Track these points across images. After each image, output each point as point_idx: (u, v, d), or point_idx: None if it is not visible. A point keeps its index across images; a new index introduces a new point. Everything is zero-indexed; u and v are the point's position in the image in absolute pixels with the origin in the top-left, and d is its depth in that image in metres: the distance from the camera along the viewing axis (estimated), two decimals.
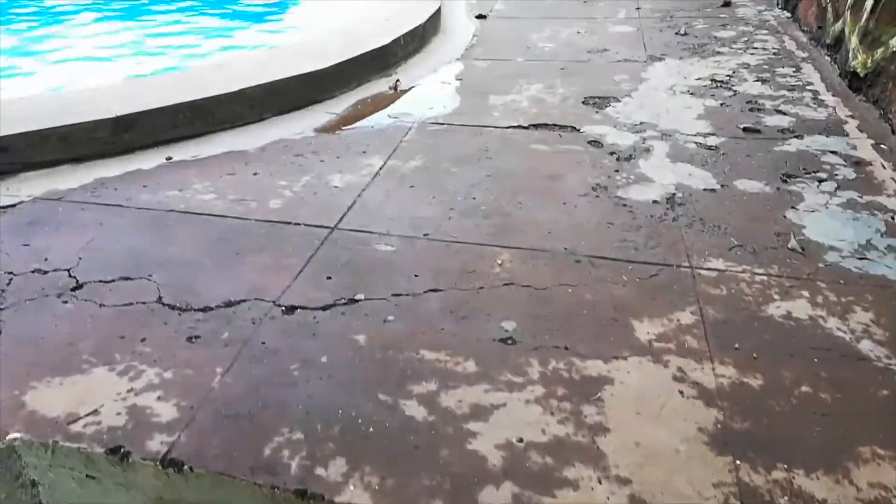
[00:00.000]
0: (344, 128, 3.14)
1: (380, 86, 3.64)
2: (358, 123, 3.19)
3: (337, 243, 2.18)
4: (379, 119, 3.23)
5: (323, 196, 2.49)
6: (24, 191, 2.52)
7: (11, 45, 4.70)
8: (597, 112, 3.20)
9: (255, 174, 2.67)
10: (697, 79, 3.56)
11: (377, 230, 2.25)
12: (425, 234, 2.21)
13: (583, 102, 3.32)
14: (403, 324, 1.79)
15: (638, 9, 4.91)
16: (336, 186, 2.56)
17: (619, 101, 3.32)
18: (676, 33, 4.31)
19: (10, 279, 1.97)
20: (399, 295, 1.90)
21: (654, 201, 2.40)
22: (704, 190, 2.46)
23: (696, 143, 2.84)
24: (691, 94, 3.37)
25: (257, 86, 3.15)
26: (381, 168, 2.70)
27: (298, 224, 2.29)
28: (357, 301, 1.88)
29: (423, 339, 1.72)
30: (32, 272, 2.01)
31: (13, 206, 2.42)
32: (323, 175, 2.65)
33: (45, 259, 2.07)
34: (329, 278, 1.99)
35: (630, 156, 2.75)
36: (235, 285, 1.96)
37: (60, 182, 2.59)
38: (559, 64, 3.89)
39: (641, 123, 3.05)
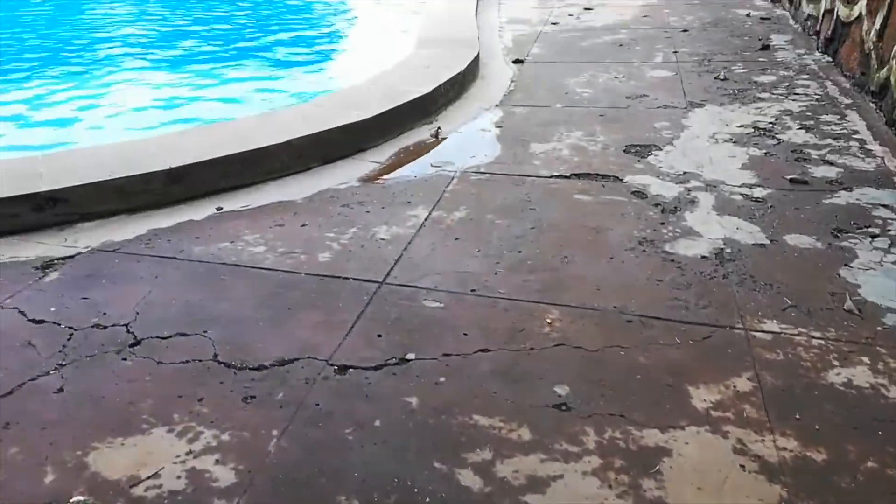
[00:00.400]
0: (388, 177, 3.19)
1: (421, 133, 3.69)
2: (401, 172, 3.23)
3: (385, 299, 2.20)
4: (422, 168, 3.28)
5: (370, 249, 2.52)
6: (82, 241, 2.60)
7: (64, 94, 4.88)
8: (639, 161, 3.21)
9: (303, 225, 2.71)
10: (740, 126, 3.54)
11: (424, 285, 2.26)
12: (472, 290, 2.23)
13: (624, 151, 3.33)
14: (455, 386, 1.79)
15: (675, 52, 4.93)
16: (382, 239, 2.59)
17: (660, 149, 3.32)
18: (716, 78, 4.31)
19: (71, 334, 2.03)
20: (449, 355, 1.91)
21: (703, 257, 2.38)
22: (754, 245, 2.44)
23: (742, 194, 2.82)
24: (734, 142, 3.36)
25: (303, 137, 3.22)
26: (425, 219, 2.73)
27: (347, 278, 2.32)
28: (408, 361, 1.89)
29: (475, 404, 1.72)
30: (92, 327, 2.06)
31: (71, 257, 2.50)
32: (369, 227, 2.69)
33: (104, 313, 2.13)
34: (379, 336, 2.00)
35: (675, 208, 2.74)
36: (288, 342, 1.98)
37: (116, 233, 2.67)
38: (598, 110, 3.91)
39: (685, 173, 3.04)
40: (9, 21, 7.24)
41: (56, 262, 2.46)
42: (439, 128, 3.75)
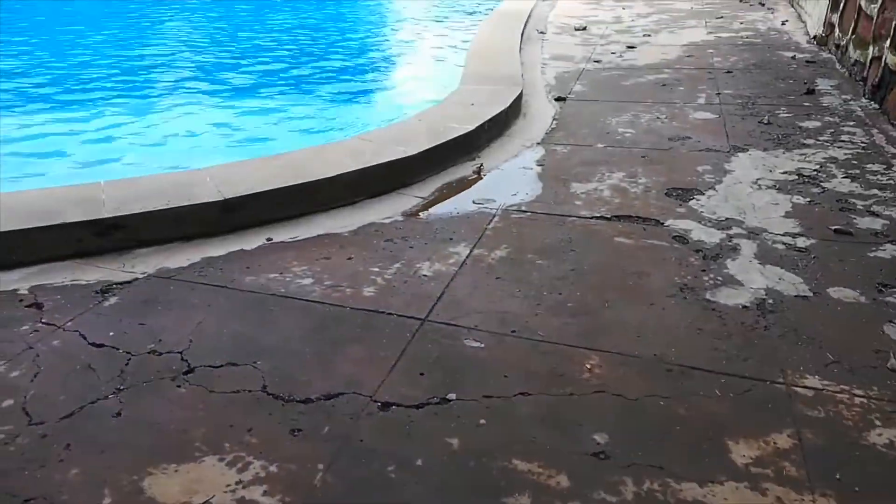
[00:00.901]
0: (430, 212, 3.26)
1: (464, 170, 3.77)
2: (443, 208, 3.31)
3: (428, 336, 2.26)
4: (463, 204, 3.35)
5: (413, 285, 2.58)
6: (139, 267, 2.72)
7: (122, 121, 5.10)
8: (680, 205, 3.23)
9: (349, 259, 2.80)
10: (783, 172, 3.54)
11: (466, 324, 2.32)
12: (513, 331, 2.27)
13: (666, 194, 3.35)
14: (496, 429, 1.83)
15: (718, 94, 4.94)
16: (425, 275, 2.65)
17: (702, 193, 3.34)
18: (759, 122, 4.32)
19: (129, 359, 2.13)
20: (490, 397, 1.95)
21: (744, 307, 2.39)
22: (796, 297, 2.43)
23: (784, 243, 2.82)
24: (777, 189, 3.36)
25: (351, 172, 3.32)
26: (467, 257, 2.79)
27: (391, 314, 2.38)
28: (449, 401, 1.94)
29: (515, 448, 1.76)
30: (148, 353, 2.16)
31: (129, 282, 2.62)
32: (412, 262, 2.75)
33: (160, 340, 2.22)
34: (422, 374, 2.06)
35: (717, 255, 2.75)
36: (334, 377, 2.05)
37: (171, 260, 2.78)
38: (640, 151, 3.95)
39: (727, 219, 3.05)
40: (71, 46, 7.60)
41: (115, 286, 2.58)
42: (481, 164, 3.83)
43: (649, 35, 7.07)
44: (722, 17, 7.76)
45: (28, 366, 2.11)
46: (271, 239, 2.98)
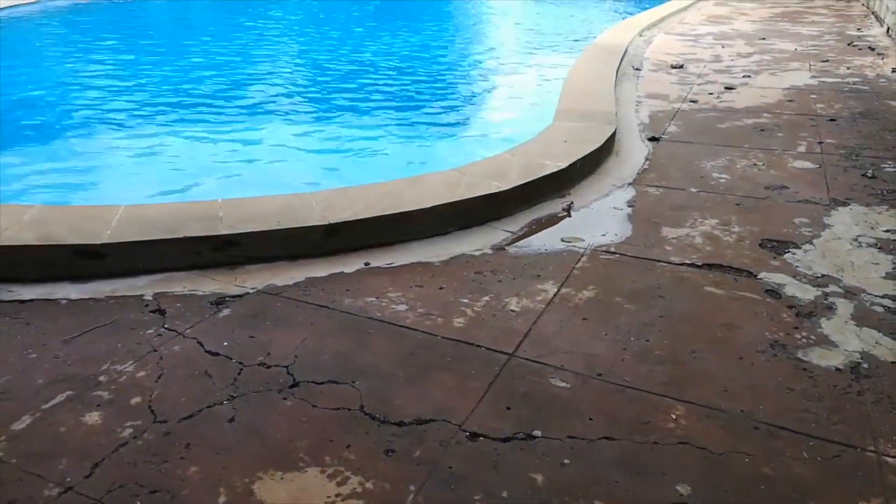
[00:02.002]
0: (519, 248, 3.36)
1: (554, 206, 3.85)
2: (532, 244, 3.40)
3: (514, 372, 2.35)
4: (552, 241, 3.43)
5: (501, 319, 2.69)
6: (249, 282, 2.95)
7: (230, 141, 5.48)
8: (775, 257, 3.19)
9: (440, 288, 2.93)
10: (886, 231, 3.44)
11: (552, 363, 2.39)
12: (599, 375, 2.33)
13: (760, 245, 3.32)
14: (579, 470, 1.89)
15: (820, 143, 4.83)
16: (513, 310, 2.75)
17: (798, 247, 3.29)
18: (863, 175, 4.20)
19: (241, 369, 2.32)
20: (574, 437, 2.02)
21: (838, 369, 2.36)
22: (893, 363, 2.38)
23: (884, 306, 2.75)
24: (879, 247, 3.27)
25: (446, 204, 3.47)
26: (554, 295, 2.87)
27: (479, 346, 2.49)
28: (535, 437, 2.02)
29: (597, 490, 1.82)
30: (258, 365, 2.35)
31: (240, 296, 2.84)
32: (501, 297, 2.86)
33: (268, 353, 2.42)
34: (508, 409, 2.15)
35: (811, 312, 2.72)
36: (425, 402, 2.17)
37: (278, 278, 3.00)
38: (734, 198, 3.92)
39: (823, 276, 3.00)
40: (187, 67, 8.20)
41: (228, 299, 2.81)
42: (572, 202, 3.90)
43: (749, 76, 6.96)
44: (827, 61, 7.54)
45: (153, 367, 2.34)
46: (369, 263, 3.15)
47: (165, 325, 2.59)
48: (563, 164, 4.05)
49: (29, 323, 2.64)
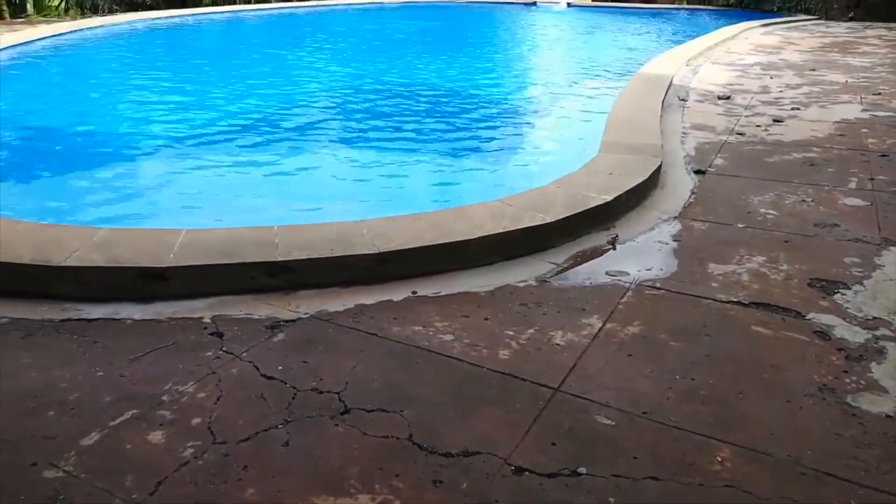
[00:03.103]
0: (564, 280, 3.40)
1: (599, 239, 3.88)
2: (577, 277, 3.44)
3: (559, 407, 2.39)
4: (597, 275, 3.46)
5: (546, 353, 2.73)
6: (303, 308, 3.06)
7: (283, 171, 5.66)
8: (824, 297, 3.17)
9: (486, 319, 2.99)
10: None
11: (597, 399, 2.42)
12: (644, 413, 2.35)
13: (808, 284, 3.30)
14: None
15: (871, 179, 4.76)
16: (558, 344, 2.79)
17: (849, 287, 3.26)
18: None
19: (294, 394, 2.42)
20: (619, 476, 2.05)
21: (888, 416, 2.33)
22: None
23: None
24: None
25: (492, 235, 3.55)
26: (599, 330, 2.90)
27: (525, 380, 2.54)
28: (580, 474, 2.05)
29: None
30: (311, 390, 2.44)
31: (294, 321, 2.95)
32: (545, 329, 2.90)
33: (321, 379, 2.50)
34: (553, 444, 2.19)
35: (861, 356, 2.69)
36: (471, 434, 2.23)
37: (329, 303, 3.10)
38: (782, 235, 3.89)
39: (874, 319, 2.97)
40: (238, 93, 8.49)
41: (282, 323, 2.92)
42: (617, 235, 3.93)
43: (798, 108, 6.90)
44: (879, 94, 7.43)
45: (212, 389, 2.45)
46: (416, 292, 3.23)
47: (223, 348, 2.71)
48: (609, 197, 4.09)
49: (96, 341, 2.78)
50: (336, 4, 19.52)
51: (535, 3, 20.63)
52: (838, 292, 3.21)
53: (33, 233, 3.45)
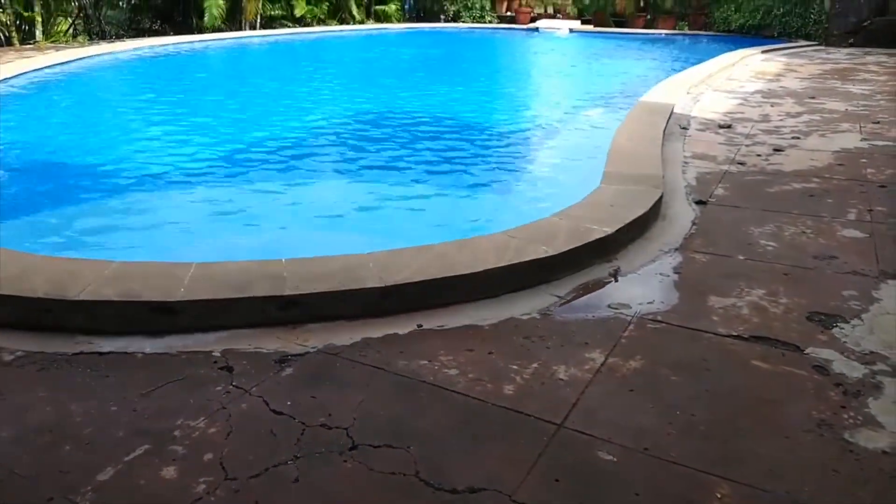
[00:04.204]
0: (567, 314, 3.46)
1: (601, 271, 3.94)
2: (579, 311, 3.49)
3: (563, 443, 2.44)
4: (599, 308, 3.52)
5: (549, 388, 2.78)
6: (311, 342, 3.12)
7: (286, 201, 5.74)
8: (822, 332, 3.22)
9: (490, 353, 3.05)
10: None
11: (599, 435, 2.47)
12: (645, 449, 2.40)
13: (807, 318, 3.35)
14: None
15: (870, 210, 4.83)
16: (561, 379, 2.84)
17: (846, 321, 3.31)
18: None
19: (303, 430, 2.47)
20: None
21: (885, 452, 2.38)
22: None
23: None
24: None
25: (496, 268, 3.61)
26: (601, 365, 2.96)
27: (529, 416, 2.59)
28: None
29: None
30: (319, 426, 2.49)
31: (302, 355, 3.01)
32: (549, 364, 2.96)
33: (329, 415, 2.56)
34: (557, 481, 2.24)
35: (858, 391, 2.74)
36: (476, 470, 2.28)
37: (336, 337, 3.16)
38: (782, 268, 3.95)
39: (871, 353, 3.02)
40: (246, 124, 8.63)
41: (290, 358, 2.98)
42: (618, 268, 3.99)
43: (798, 137, 6.99)
44: (878, 122, 7.52)
45: (223, 424, 2.51)
46: (421, 325, 3.29)
47: (233, 383, 2.77)
48: (611, 230, 4.16)
49: (108, 375, 2.85)
50: (340, 31, 19.82)
51: (537, 29, 20.89)
52: (836, 326, 3.26)
53: (47, 266, 3.54)
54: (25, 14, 14.46)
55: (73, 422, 2.53)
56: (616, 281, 3.84)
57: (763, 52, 13.98)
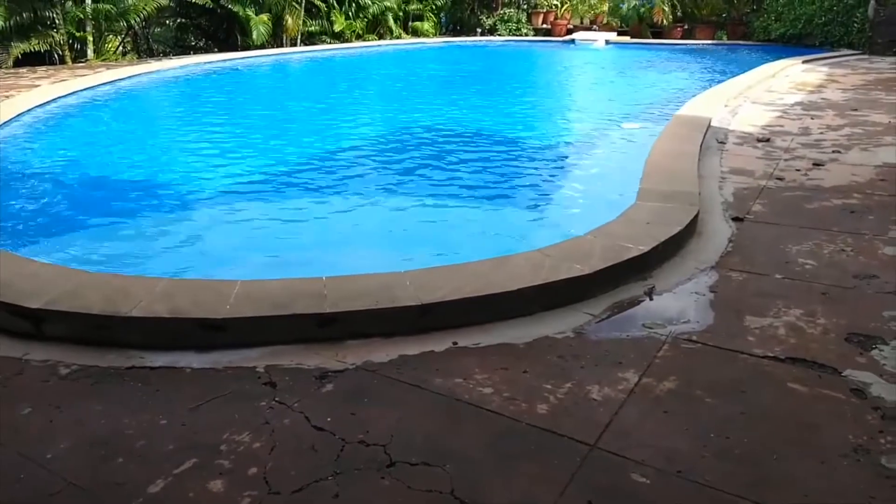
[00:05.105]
0: (601, 332, 3.49)
1: (635, 290, 3.96)
2: (614, 329, 3.52)
3: (595, 464, 2.47)
4: (634, 327, 3.54)
5: (583, 408, 2.82)
6: (349, 358, 3.21)
7: (326, 217, 5.87)
8: (861, 354, 3.19)
9: (524, 372, 3.10)
10: None
11: (632, 457, 2.50)
12: (678, 472, 2.42)
13: (846, 339, 3.32)
14: None
15: None
16: (594, 399, 2.88)
17: (886, 343, 3.27)
18: None
19: (343, 446, 2.56)
20: None
21: None
22: None
23: None
24: None
25: (532, 286, 3.67)
26: (635, 385, 2.98)
27: (562, 436, 2.63)
28: None
29: None
30: (358, 443, 2.58)
31: (341, 371, 3.10)
32: (583, 384, 2.99)
33: (367, 431, 2.64)
34: (590, 502, 2.28)
35: None
36: (511, 490, 2.33)
37: (374, 354, 3.25)
38: (821, 287, 3.91)
39: None
40: (281, 140, 8.84)
41: (330, 374, 3.08)
42: (653, 286, 4.00)
43: (839, 151, 6.89)
44: None
45: (267, 439, 2.61)
46: (457, 343, 3.36)
47: (276, 398, 2.88)
48: (646, 248, 4.17)
49: (158, 390, 2.99)
50: (377, 45, 20.12)
51: (573, 41, 20.90)
52: (875, 348, 3.23)
53: (100, 283, 3.71)
54: (78, 34, 15.06)
55: (126, 435, 2.66)
56: (651, 300, 3.85)
57: (804, 61, 13.75)
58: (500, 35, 22.48)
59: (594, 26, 23.06)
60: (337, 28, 19.28)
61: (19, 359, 3.24)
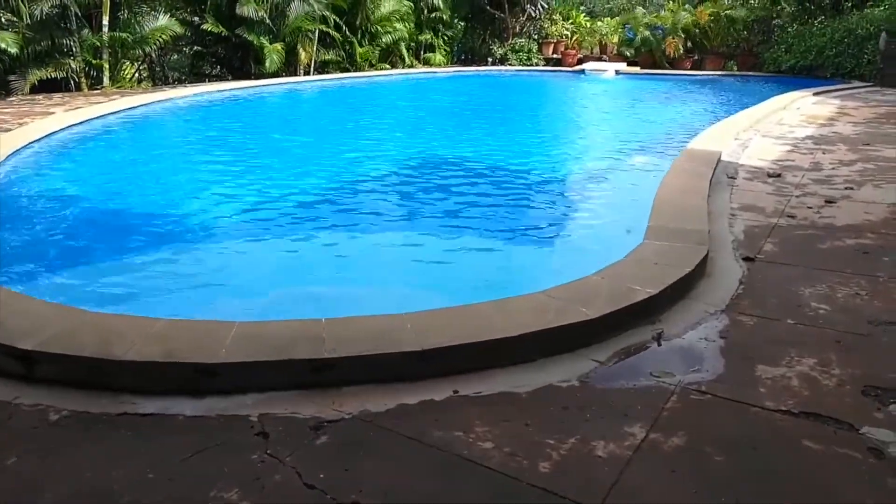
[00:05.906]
0: (607, 381, 3.38)
1: (643, 334, 3.85)
2: (620, 378, 3.41)
3: None
4: (641, 376, 3.42)
5: (587, 466, 2.70)
6: (345, 407, 3.11)
7: (324, 255, 5.80)
8: (879, 409, 3.06)
9: (526, 424, 2.99)
10: None
11: None
12: None
13: (862, 392, 3.20)
14: None
15: None
16: (599, 456, 2.76)
17: None
18: None
19: None
20: None
21: None
22: None
23: None
24: None
25: (535, 332, 3.57)
26: (642, 441, 2.86)
27: (565, 497, 2.52)
28: None
29: None
30: (350, 503, 2.47)
31: (336, 421, 3.01)
32: (587, 439, 2.88)
33: (360, 490, 2.54)
34: None
35: None
36: None
37: (370, 402, 3.15)
38: (835, 334, 3.79)
39: None
40: (280, 175, 8.82)
41: (325, 424, 2.98)
42: (662, 331, 3.89)
43: (851, 188, 6.78)
44: None
45: (256, 497, 2.51)
46: (457, 391, 3.26)
47: (268, 451, 2.78)
48: (654, 291, 4.07)
49: (149, 440, 2.90)
50: (388, 74, 20.28)
51: (583, 72, 20.99)
52: (893, 402, 3.10)
53: (97, 323, 3.64)
54: (94, 61, 15.26)
55: (114, 490, 2.57)
56: (659, 345, 3.74)
57: (815, 93, 13.69)
58: (510, 64, 22.65)
59: (604, 56, 23.18)
60: (360, 58, 19.51)
61: (9, 402, 3.16)
